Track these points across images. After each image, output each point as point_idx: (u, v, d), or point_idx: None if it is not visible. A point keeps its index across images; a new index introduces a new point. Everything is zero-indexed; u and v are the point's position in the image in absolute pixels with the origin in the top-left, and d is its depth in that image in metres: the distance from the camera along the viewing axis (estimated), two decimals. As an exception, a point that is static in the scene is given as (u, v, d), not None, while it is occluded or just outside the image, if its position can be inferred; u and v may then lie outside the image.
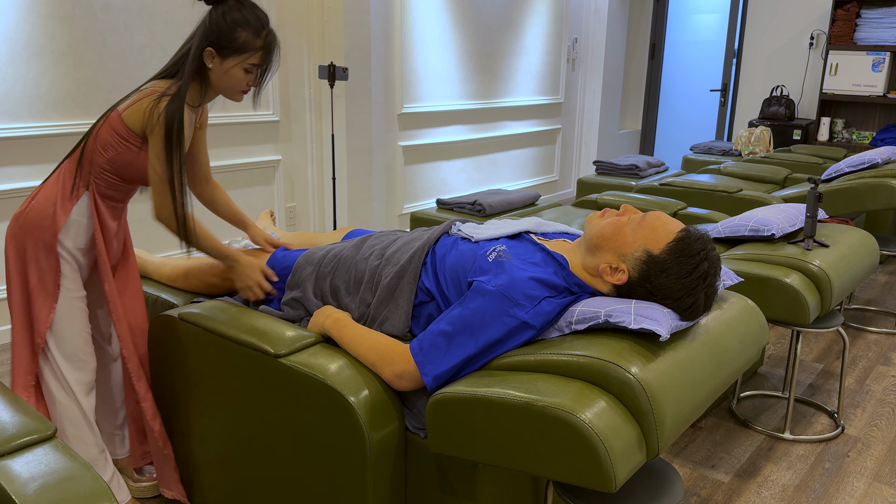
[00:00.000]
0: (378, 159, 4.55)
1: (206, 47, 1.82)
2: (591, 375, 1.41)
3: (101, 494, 1.02)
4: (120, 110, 1.84)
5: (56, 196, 1.88)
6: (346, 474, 1.59)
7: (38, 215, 1.87)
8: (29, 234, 1.87)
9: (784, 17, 6.16)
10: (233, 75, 1.85)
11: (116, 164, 1.86)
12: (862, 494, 2.29)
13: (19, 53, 3.15)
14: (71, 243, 1.90)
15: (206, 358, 1.85)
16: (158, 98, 1.80)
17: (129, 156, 1.85)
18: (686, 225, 1.73)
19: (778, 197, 3.66)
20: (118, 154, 1.85)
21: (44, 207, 1.87)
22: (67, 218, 1.87)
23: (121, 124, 1.83)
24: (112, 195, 1.93)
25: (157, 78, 1.89)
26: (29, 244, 1.88)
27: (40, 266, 1.88)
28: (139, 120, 1.81)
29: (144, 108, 1.80)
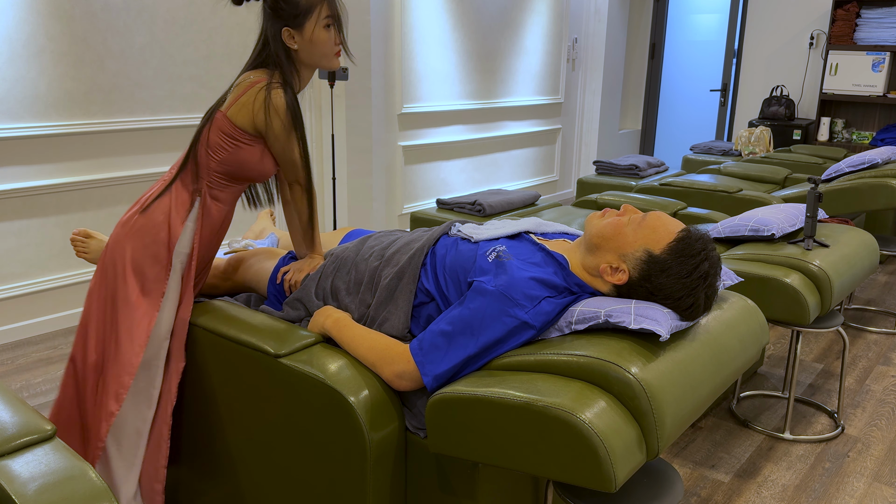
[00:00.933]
0: (378, 159, 4.55)
1: (281, 31, 1.79)
2: (591, 375, 1.41)
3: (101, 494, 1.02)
4: (223, 110, 1.80)
5: (170, 205, 1.84)
6: (346, 474, 1.59)
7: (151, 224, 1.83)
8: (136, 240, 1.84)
9: (784, 17, 6.16)
10: (318, 39, 1.79)
11: (229, 164, 1.83)
12: (862, 494, 2.29)
13: (19, 53, 3.15)
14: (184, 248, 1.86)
15: (206, 358, 1.85)
16: (266, 89, 1.75)
17: (240, 154, 1.81)
18: (686, 225, 1.73)
19: (778, 197, 3.66)
20: (229, 155, 1.81)
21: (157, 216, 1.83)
22: (183, 227, 1.85)
23: (228, 124, 1.79)
24: (221, 197, 1.89)
25: (246, 71, 1.85)
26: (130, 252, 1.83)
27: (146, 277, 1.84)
28: (249, 116, 1.77)
29: (251, 103, 1.76)
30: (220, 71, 3.90)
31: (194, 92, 3.80)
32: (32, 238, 3.36)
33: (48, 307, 3.48)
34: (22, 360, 3.17)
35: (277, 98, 1.76)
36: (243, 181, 1.89)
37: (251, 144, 1.81)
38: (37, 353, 3.24)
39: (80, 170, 3.46)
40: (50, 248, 3.43)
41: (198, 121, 3.85)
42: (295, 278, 1.91)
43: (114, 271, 1.86)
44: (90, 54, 3.38)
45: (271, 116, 1.76)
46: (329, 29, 1.80)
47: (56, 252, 3.45)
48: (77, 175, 3.45)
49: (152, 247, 1.83)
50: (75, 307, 3.58)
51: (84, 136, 3.44)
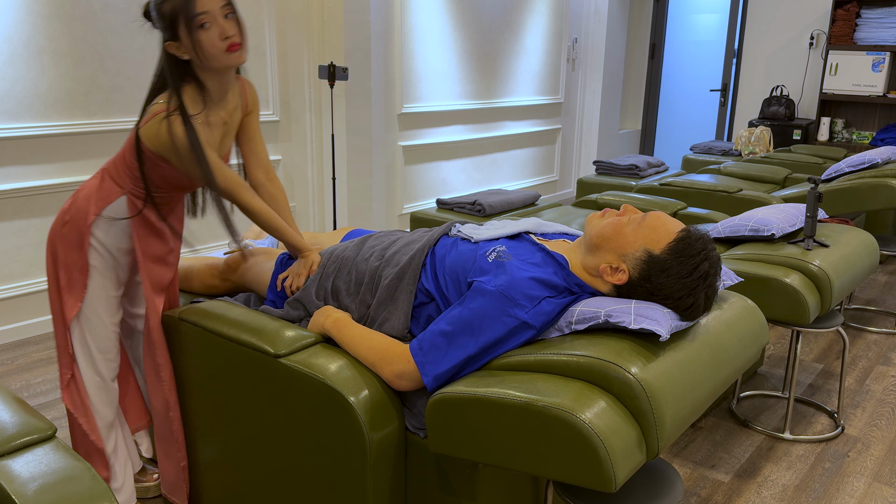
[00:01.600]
0: (378, 159, 4.55)
1: (165, 45, 1.71)
2: (591, 375, 1.41)
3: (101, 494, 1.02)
4: (139, 130, 1.78)
5: (92, 195, 1.87)
6: (346, 474, 1.59)
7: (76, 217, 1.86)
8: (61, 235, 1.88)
9: (784, 17, 6.16)
10: (200, 41, 1.65)
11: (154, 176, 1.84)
12: (862, 494, 2.29)
13: (19, 53, 3.15)
14: (108, 240, 1.88)
15: (206, 358, 1.85)
16: (163, 119, 1.71)
17: (156, 169, 1.83)
18: (686, 225, 1.73)
19: (778, 197, 3.66)
20: (148, 167, 1.82)
21: (82, 207, 1.86)
22: (99, 213, 1.86)
23: (142, 143, 1.79)
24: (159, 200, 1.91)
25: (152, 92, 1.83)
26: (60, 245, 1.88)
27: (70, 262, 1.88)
28: (154, 142, 1.75)
29: (155, 133, 1.73)
30: (220, 71, 3.90)
31: (194, 92, 3.80)
32: (32, 238, 3.36)
33: (48, 307, 3.48)
34: (22, 360, 3.17)
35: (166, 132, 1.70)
36: (170, 189, 1.90)
37: (164, 162, 1.81)
38: (37, 353, 3.24)
39: (80, 170, 3.46)
40: (50, 248, 3.43)
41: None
42: (296, 284, 1.92)
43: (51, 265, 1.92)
44: (90, 54, 3.38)
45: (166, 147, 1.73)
46: (206, 28, 1.64)
47: (56, 252, 3.45)
48: (77, 175, 3.45)
49: (76, 238, 1.87)
50: (75, 307, 3.58)
51: (84, 136, 3.44)
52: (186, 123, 1.70)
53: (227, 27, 1.66)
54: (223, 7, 1.66)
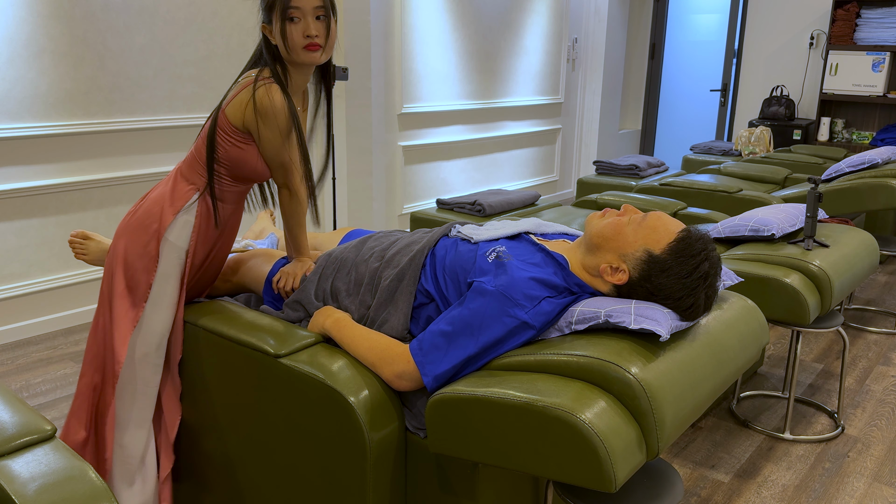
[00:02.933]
0: (378, 159, 4.55)
1: (261, 26, 1.75)
2: (591, 375, 1.41)
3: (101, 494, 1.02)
4: (223, 107, 1.78)
5: (165, 198, 1.83)
6: (346, 474, 1.59)
7: (146, 217, 1.83)
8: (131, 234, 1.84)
9: (784, 17, 6.16)
10: (286, 32, 1.70)
11: (227, 162, 1.81)
12: (862, 494, 2.29)
13: (19, 53, 3.15)
14: (179, 242, 1.84)
15: (206, 358, 1.85)
16: (254, 87, 1.71)
17: (236, 153, 1.79)
18: (686, 225, 1.73)
19: (778, 197, 3.66)
20: (226, 152, 1.79)
21: (152, 209, 1.83)
22: (174, 218, 1.82)
23: (225, 121, 1.77)
24: (224, 196, 1.87)
25: (246, 69, 1.83)
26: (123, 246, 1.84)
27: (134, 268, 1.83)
28: (241, 115, 1.74)
29: (243, 101, 1.73)
30: (220, 71, 3.90)
31: (194, 92, 3.80)
32: (32, 238, 3.36)
33: (48, 307, 3.48)
34: (22, 360, 3.17)
35: (264, 96, 1.71)
36: (242, 180, 1.87)
37: (244, 143, 1.78)
38: (37, 353, 3.24)
39: (80, 170, 3.46)
40: (50, 248, 3.43)
41: (198, 121, 3.85)
42: (289, 285, 1.91)
43: (110, 268, 1.87)
44: (90, 54, 3.38)
45: (261, 115, 1.72)
46: (294, 22, 1.69)
47: (56, 252, 3.45)
48: (77, 175, 3.45)
49: (143, 238, 1.83)
50: (75, 307, 3.58)
51: (84, 136, 3.44)
52: (284, 92, 1.73)
53: (313, 27, 1.71)
54: (316, 8, 1.71)
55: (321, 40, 1.73)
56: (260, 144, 1.78)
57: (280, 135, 1.76)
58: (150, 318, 1.85)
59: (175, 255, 1.85)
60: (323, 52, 1.74)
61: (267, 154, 1.79)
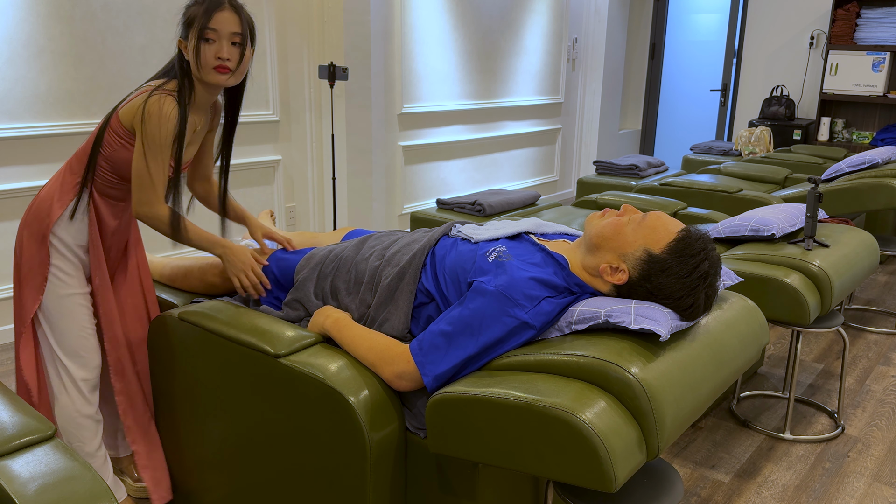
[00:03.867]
0: (378, 159, 4.55)
1: (178, 40, 1.81)
2: (591, 375, 1.41)
3: (101, 494, 1.02)
4: (118, 108, 1.84)
5: (56, 190, 1.89)
6: (346, 474, 1.59)
7: (40, 208, 1.89)
8: (28, 226, 1.90)
9: (784, 17, 6.16)
10: (200, 50, 1.76)
11: (112, 161, 1.86)
12: (862, 494, 2.29)
13: (19, 53, 3.15)
14: (69, 238, 1.90)
15: (206, 358, 1.85)
16: (149, 94, 1.78)
17: (123, 153, 1.85)
18: (686, 225, 1.73)
19: (778, 197, 3.66)
20: (114, 151, 1.85)
21: (44, 201, 1.89)
22: (63, 211, 1.87)
23: (118, 122, 1.83)
24: (111, 193, 1.93)
25: (153, 78, 1.89)
26: (26, 236, 1.90)
27: (32, 257, 1.89)
28: (130, 117, 1.80)
29: (137, 105, 1.79)
30: (220, 71, 3.90)
31: (194, 92, 3.80)
32: (32, 238, 3.36)
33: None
34: (22, 360, 3.17)
35: (153, 106, 1.75)
36: (128, 180, 1.91)
37: (133, 145, 1.83)
38: (37, 353, 3.24)
39: (80, 170, 3.46)
40: (50, 248, 3.43)
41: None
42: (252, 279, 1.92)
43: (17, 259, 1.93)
44: (90, 54, 3.38)
45: (143, 119, 1.76)
46: (209, 43, 1.75)
47: (56, 252, 3.45)
48: (77, 175, 3.45)
49: (38, 233, 1.88)
50: (75, 307, 3.58)
51: (84, 137, 3.44)
52: (181, 107, 1.78)
53: (226, 50, 1.77)
54: (234, 34, 1.77)
55: (232, 64, 1.79)
56: (137, 148, 1.81)
57: (158, 148, 1.78)
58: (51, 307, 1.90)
59: (68, 251, 1.90)
60: (232, 76, 1.80)
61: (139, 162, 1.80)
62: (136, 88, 1.88)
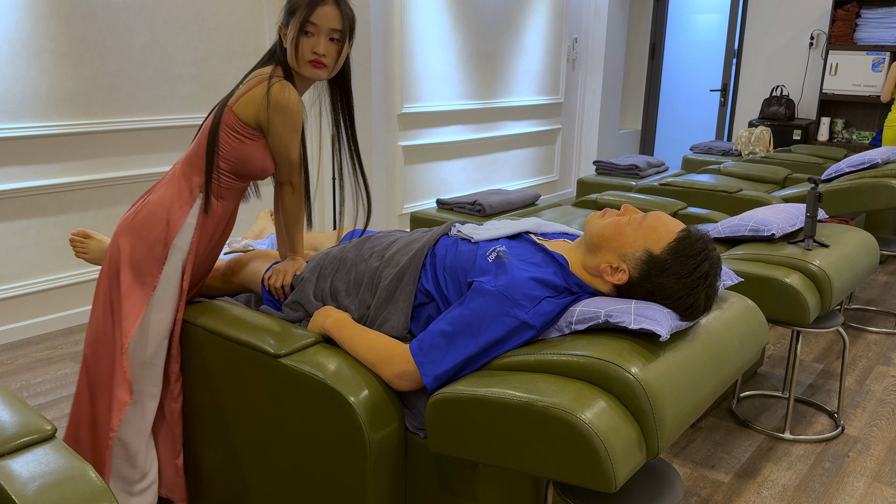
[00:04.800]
0: (378, 159, 4.55)
1: (278, 27, 1.80)
2: (591, 375, 1.41)
3: (101, 494, 1.02)
4: (230, 104, 1.79)
5: (172, 196, 1.82)
6: (346, 474, 1.59)
7: (151, 219, 1.81)
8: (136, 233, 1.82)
9: (784, 17, 6.16)
10: (298, 41, 1.75)
11: (232, 160, 1.81)
12: (862, 494, 2.29)
13: (19, 53, 3.15)
14: (183, 245, 1.84)
15: (206, 358, 1.85)
16: (269, 84, 1.74)
17: (243, 149, 1.80)
18: (686, 225, 1.73)
19: (778, 197, 3.66)
20: (232, 150, 1.80)
21: (157, 211, 1.81)
22: (185, 218, 1.82)
23: (233, 118, 1.78)
24: (225, 195, 1.87)
25: (256, 68, 1.85)
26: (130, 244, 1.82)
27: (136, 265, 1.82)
28: (253, 110, 1.76)
29: (257, 97, 1.75)
30: (220, 71, 3.90)
31: (194, 92, 3.80)
32: (32, 238, 3.36)
33: (48, 307, 3.48)
34: (22, 360, 3.17)
35: (280, 92, 1.74)
36: (246, 178, 1.88)
37: (254, 139, 1.80)
38: (37, 353, 3.24)
39: (80, 170, 3.46)
40: (50, 248, 3.43)
41: (198, 121, 3.85)
42: (279, 282, 1.91)
43: (114, 267, 1.85)
44: (90, 54, 3.38)
45: (276, 111, 1.75)
46: (308, 36, 1.74)
47: (56, 252, 3.45)
48: (77, 175, 3.45)
49: (149, 241, 1.82)
50: (75, 307, 3.58)
51: (84, 136, 3.44)
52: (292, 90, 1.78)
53: (323, 45, 1.76)
54: (333, 30, 1.76)
55: (328, 60, 1.78)
56: (271, 140, 1.80)
57: (292, 130, 1.79)
58: (153, 319, 1.85)
59: (179, 258, 1.85)
60: (326, 71, 1.79)
61: (277, 149, 1.82)
62: (243, 81, 1.83)
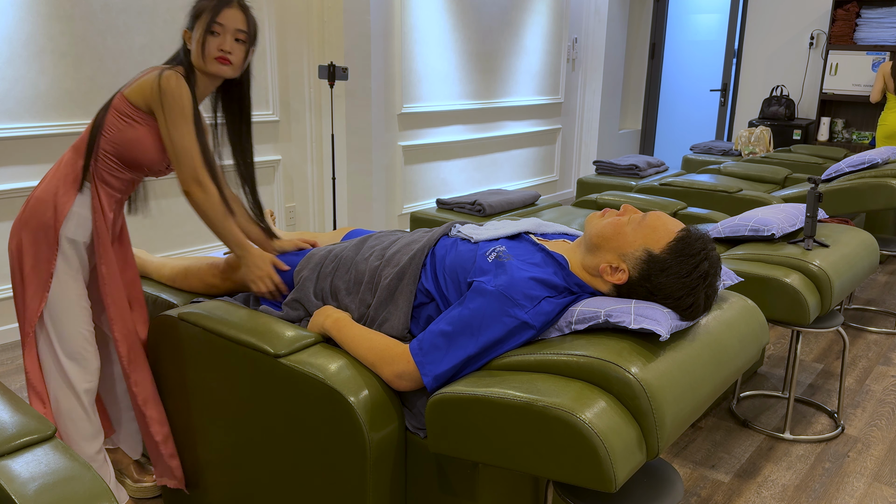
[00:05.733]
0: (378, 159, 4.55)
1: (183, 31, 1.88)
2: (591, 375, 1.41)
3: (101, 494, 1.02)
4: (123, 92, 1.85)
5: (57, 186, 1.87)
6: (346, 474, 1.59)
7: (40, 206, 1.86)
8: (27, 224, 1.87)
9: (784, 17, 6.16)
10: (204, 41, 1.84)
11: (118, 143, 1.85)
12: (862, 494, 2.29)
13: (19, 53, 3.15)
14: (73, 236, 1.88)
15: (206, 358, 1.85)
16: (160, 72, 1.81)
17: (130, 133, 1.84)
18: (686, 225, 1.73)
19: (778, 197, 3.66)
20: (119, 132, 1.84)
21: (45, 197, 1.86)
22: (69, 209, 1.86)
23: (124, 103, 1.84)
24: (112, 183, 1.91)
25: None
26: (26, 234, 1.87)
27: (36, 256, 1.87)
28: (144, 94, 1.82)
29: (148, 83, 1.81)
30: (220, 71, 3.90)
31: (194, 92, 3.81)
32: (32, 238, 3.36)
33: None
34: (22, 361, 3.17)
35: (168, 79, 1.80)
36: (133, 166, 1.90)
37: (141, 123, 1.84)
38: (37, 353, 3.24)
39: (80, 170, 3.46)
40: (50, 248, 3.43)
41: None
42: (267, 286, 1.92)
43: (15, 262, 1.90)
44: (90, 54, 3.38)
45: (162, 93, 1.80)
46: (214, 35, 1.84)
47: (56, 252, 3.45)
48: (77, 175, 3.45)
49: (39, 228, 1.86)
50: (75, 307, 3.58)
51: (84, 136, 3.44)
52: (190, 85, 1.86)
53: (229, 45, 1.86)
54: (238, 31, 1.87)
55: (234, 58, 1.87)
56: (162, 128, 1.83)
57: (180, 115, 1.82)
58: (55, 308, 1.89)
59: (72, 248, 1.89)
60: (231, 68, 1.88)
61: (170, 136, 1.83)
62: (137, 76, 1.89)
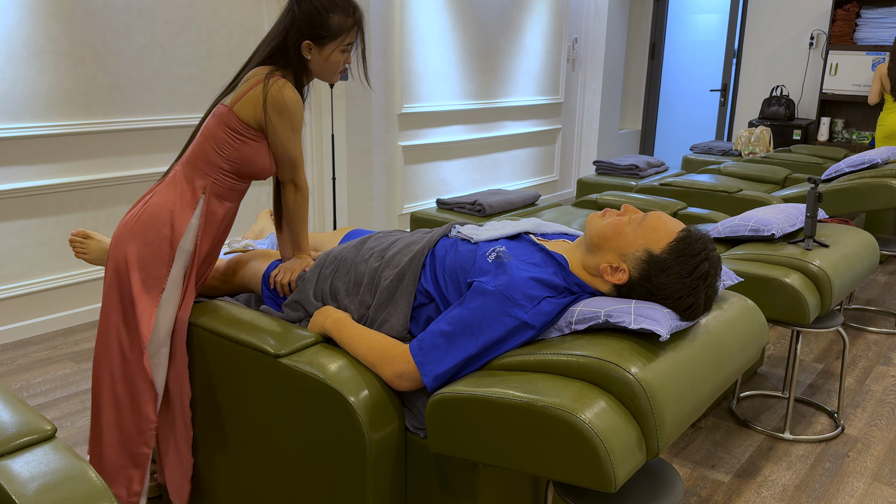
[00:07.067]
0: (378, 159, 4.55)
1: (302, 41, 1.83)
2: (591, 375, 1.41)
3: (101, 494, 1.02)
4: (228, 105, 1.81)
5: (174, 199, 1.83)
6: (346, 474, 1.59)
7: (155, 222, 1.82)
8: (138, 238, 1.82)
9: (784, 17, 6.16)
10: (332, 60, 1.86)
11: (235, 160, 1.83)
12: (862, 494, 2.29)
13: (19, 53, 3.15)
14: (187, 246, 1.85)
15: (206, 358, 1.85)
16: (267, 83, 1.78)
17: (245, 150, 1.82)
18: (686, 225, 1.73)
19: (778, 197, 3.66)
20: (235, 150, 1.82)
21: (160, 214, 1.82)
22: (190, 219, 1.83)
23: (233, 119, 1.80)
24: (226, 195, 1.88)
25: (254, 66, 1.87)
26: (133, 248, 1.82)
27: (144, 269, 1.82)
28: (255, 111, 1.79)
29: (257, 97, 1.78)
30: (220, 71, 3.90)
31: (194, 92, 3.80)
32: (32, 238, 3.36)
33: (48, 307, 3.48)
34: (22, 360, 3.17)
35: (278, 91, 1.77)
36: (248, 178, 1.89)
37: (255, 140, 1.82)
38: (37, 353, 3.24)
39: (80, 170, 3.46)
40: (50, 248, 3.43)
41: (198, 121, 3.85)
42: (286, 279, 1.91)
43: (119, 270, 1.85)
44: (90, 54, 3.38)
45: (275, 110, 1.78)
46: (344, 53, 1.87)
47: (56, 252, 3.45)
48: (77, 175, 3.45)
49: (155, 243, 1.83)
50: (75, 307, 3.58)
51: (84, 136, 3.44)
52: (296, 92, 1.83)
53: (348, 59, 1.92)
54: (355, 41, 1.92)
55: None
56: (271, 139, 1.82)
57: (292, 129, 1.82)
58: (160, 320, 1.86)
59: (184, 259, 1.86)
60: None
61: (277, 148, 1.84)
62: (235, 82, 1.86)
